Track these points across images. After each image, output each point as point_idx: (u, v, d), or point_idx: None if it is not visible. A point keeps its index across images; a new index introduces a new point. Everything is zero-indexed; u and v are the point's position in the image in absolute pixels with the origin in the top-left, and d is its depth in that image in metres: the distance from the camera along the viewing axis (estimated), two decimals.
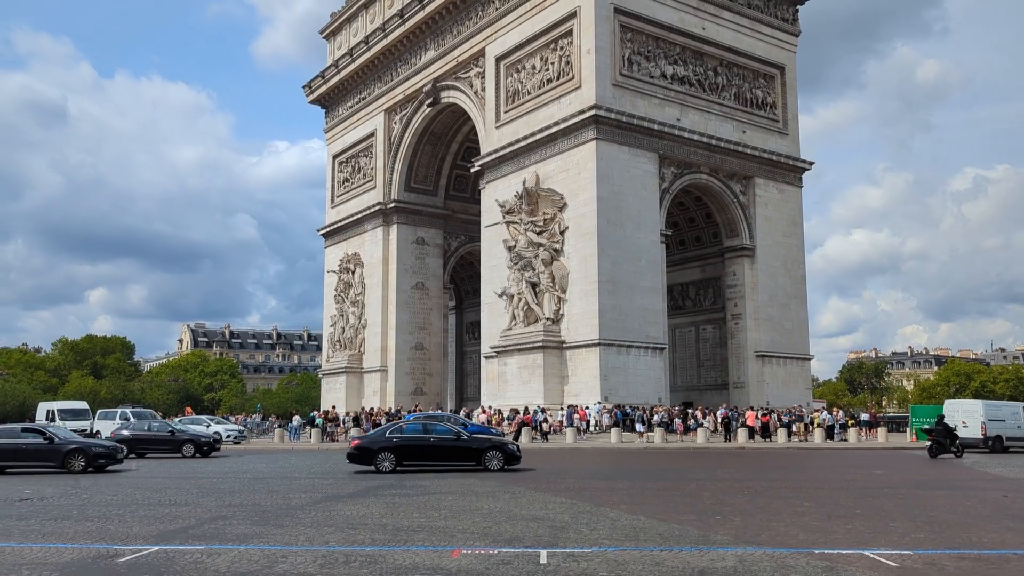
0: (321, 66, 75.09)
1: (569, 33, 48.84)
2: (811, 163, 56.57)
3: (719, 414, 45.24)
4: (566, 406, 44.57)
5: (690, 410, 46.19)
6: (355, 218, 68.21)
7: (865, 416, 54.10)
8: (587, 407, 43.85)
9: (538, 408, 44.29)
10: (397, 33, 63.00)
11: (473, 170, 56.19)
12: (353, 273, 67.90)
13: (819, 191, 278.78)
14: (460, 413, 51.17)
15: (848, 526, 13.22)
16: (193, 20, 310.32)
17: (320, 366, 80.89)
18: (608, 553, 10.70)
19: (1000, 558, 10.59)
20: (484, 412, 47.34)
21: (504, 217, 50.98)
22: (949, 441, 31.55)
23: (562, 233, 47.94)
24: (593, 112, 46.24)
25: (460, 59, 57.82)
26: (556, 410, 44.98)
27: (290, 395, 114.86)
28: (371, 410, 53.98)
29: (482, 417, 45.80)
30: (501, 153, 52.19)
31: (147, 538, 12.16)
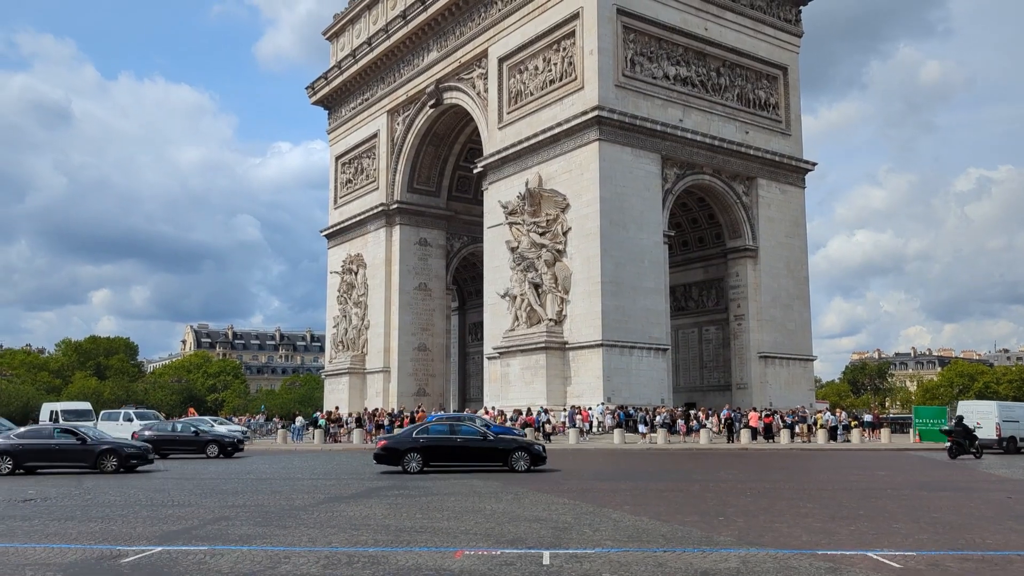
0: (324, 67, 75.28)
1: (572, 34, 48.85)
2: (814, 164, 56.52)
3: (722, 415, 45.25)
4: (569, 407, 44.57)
5: (692, 411, 46.15)
6: (358, 219, 68.26)
7: (868, 417, 54.01)
8: (590, 408, 43.84)
9: (541, 409, 44.32)
10: (400, 34, 63.06)
11: (476, 171, 56.21)
12: (356, 274, 67.94)
13: (822, 192, 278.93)
14: (464, 414, 51.21)
15: (851, 527, 13.21)
16: (196, 21, 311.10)
17: (323, 367, 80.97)
18: (611, 554, 10.70)
19: (1004, 559, 10.57)
20: (487, 413, 47.30)
21: (507, 218, 50.99)
22: (968, 442, 31.78)
23: (565, 234, 47.94)
24: (596, 113, 46.24)
25: (463, 60, 57.87)
26: (559, 411, 44.98)
27: (293, 396, 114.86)
28: (374, 411, 54.02)
29: (485, 418, 45.77)
30: (504, 154, 52.21)
31: (150, 539, 12.19)
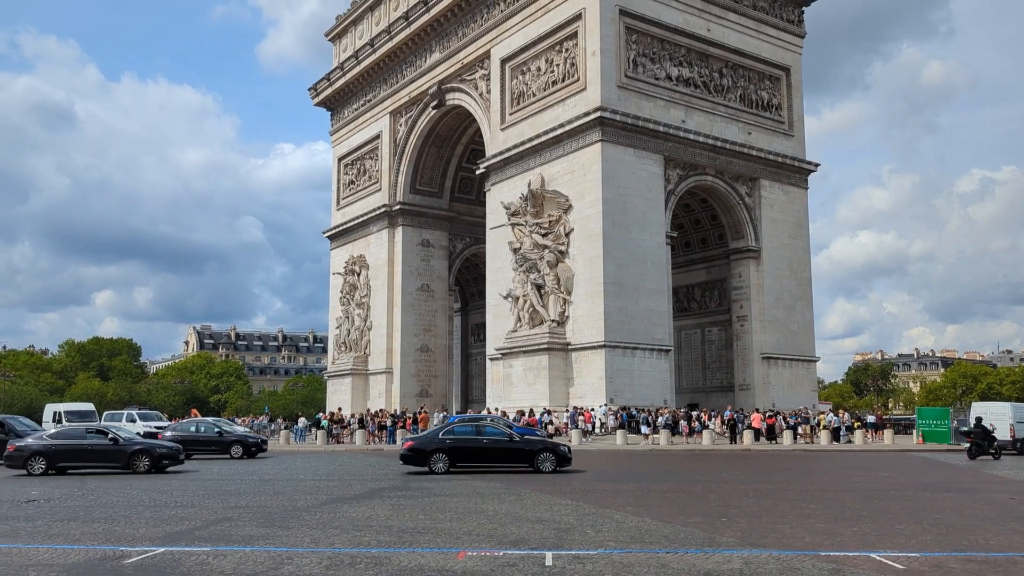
0: (326, 68, 75.29)
1: (574, 35, 48.85)
2: (817, 165, 56.45)
3: (724, 416, 45.19)
4: (571, 408, 44.55)
5: (695, 412, 46.11)
6: (360, 220, 68.29)
7: (871, 418, 53.87)
8: (592, 409, 43.81)
9: (544, 410, 44.31)
10: (402, 36, 63.09)
11: (478, 172, 56.21)
12: (358, 275, 67.96)
13: (825, 193, 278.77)
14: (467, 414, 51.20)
15: (854, 528, 13.19)
16: (199, 23, 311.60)
17: (325, 368, 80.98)
18: (613, 555, 10.70)
19: (1007, 560, 10.55)
20: (490, 414, 47.28)
21: (509, 219, 50.99)
22: (987, 443, 32.20)
23: (567, 235, 47.93)
24: (598, 114, 46.24)
25: (465, 61, 57.88)
26: (562, 412, 44.96)
27: (296, 397, 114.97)
28: (376, 412, 54.05)
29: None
30: (506, 155, 52.21)
31: (153, 539, 12.21)
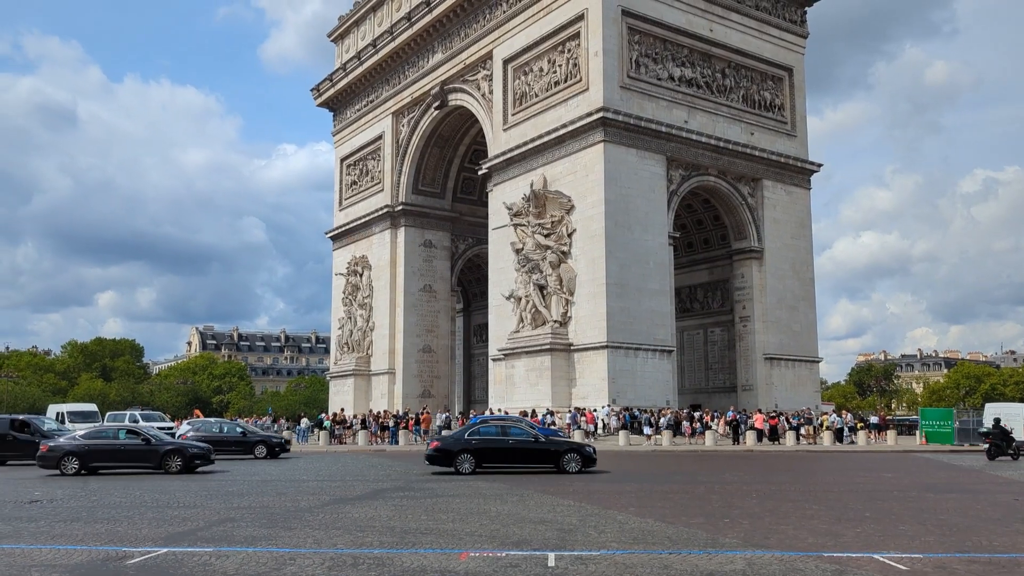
0: (329, 69, 75.31)
1: (577, 36, 48.82)
2: (819, 165, 56.38)
3: (727, 417, 45.14)
4: (572, 409, 44.52)
5: (697, 413, 46.08)
6: (363, 221, 68.30)
7: (874, 419, 53.80)
8: (595, 410, 43.76)
9: (546, 411, 44.27)
10: (405, 36, 63.09)
11: (480, 172, 56.20)
12: (361, 276, 67.96)
13: (828, 193, 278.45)
14: (470, 415, 51.19)
15: (857, 529, 13.17)
16: (201, 24, 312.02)
17: (328, 368, 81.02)
18: (616, 556, 10.68)
19: (1011, 561, 10.52)
20: (475, 415, 47.25)
21: (512, 219, 50.97)
22: (1006, 444, 32.41)
23: (570, 235, 47.91)
24: (601, 114, 46.22)
25: (468, 62, 57.88)
26: (564, 412, 44.89)
27: (298, 397, 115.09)
28: (379, 413, 54.06)
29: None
30: (509, 155, 52.20)
31: (156, 540, 12.21)
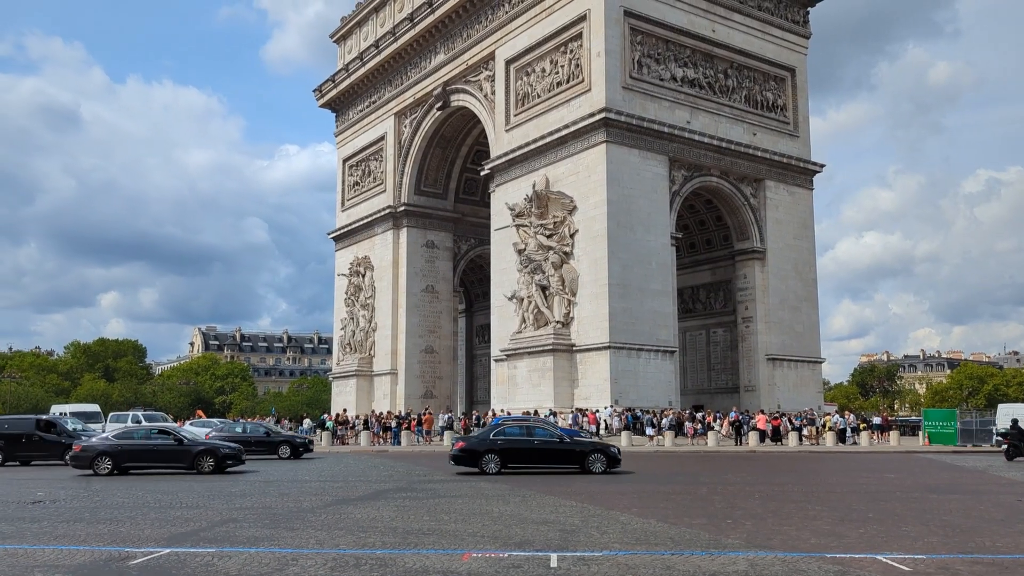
0: (331, 70, 75.30)
1: (579, 36, 48.82)
2: (822, 165, 56.33)
3: (730, 417, 45.10)
4: (574, 409, 44.50)
5: (699, 414, 46.05)
6: (365, 221, 68.33)
7: (877, 420, 53.68)
8: (597, 411, 43.75)
9: (549, 411, 44.24)
10: (407, 37, 63.12)
11: (483, 173, 56.19)
12: (363, 276, 68.00)
13: (830, 193, 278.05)
14: (472, 416, 51.19)
15: (860, 530, 13.14)
16: (204, 24, 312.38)
17: (330, 369, 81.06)
18: (618, 557, 10.67)
19: (1014, 563, 10.50)
20: (495, 415, 47.27)
21: (514, 220, 50.97)
22: None
23: (572, 236, 47.89)
24: (603, 115, 46.20)
25: (470, 62, 57.89)
26: (567, 413, 44.91)
27: (300, 398, 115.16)
28: (381, 413, 54.07)
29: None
30: (511, 156, 52.19)
31: (158, 540, 12.22)
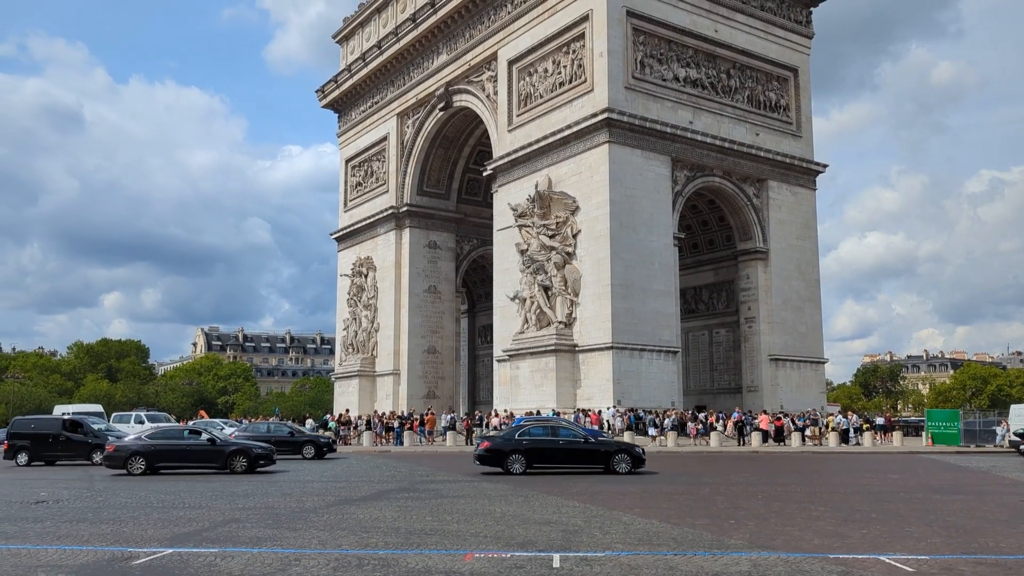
0: (334, 71, 75.39)
1: (581, 36, 48.80)
2: (825, 165, 56.24)
3: (733, 418, 45.05)
4: (576, 410, 44.48)
5: (701, 414, 46.00)
6: (368, 222, 68.36)
7: (880, 420, 53.59)
8: (599, 411, 43.74)
9: (552, 411, 44.23)
10: (409, 37, 63.15)
11: (485, 174, 56.18)
12: (366, 277, 68.03)
13: (833, 194, 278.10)
14: (474, 416, 51.18)
15: (863, 531, 13.13)
16: (206, 25, 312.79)
17: (333, 369, 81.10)
18: (621, 557, 10.66)
19: (1018, 563, 10.48)
20: (497, 416, 47.29)
21: (516, 220, 50.95)
22: None
23: (575, 236, 47.87)
24: (606, 115, 46.18)
25: (472, 63, 57.90)
26: (570, 413, 44.89)
27: (303, 398, 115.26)
28: (384, 413, 54.07)
29: (494, 421, 45.78)
30: (513, 156, 52.19)
31: (161, 541, 12.23)
